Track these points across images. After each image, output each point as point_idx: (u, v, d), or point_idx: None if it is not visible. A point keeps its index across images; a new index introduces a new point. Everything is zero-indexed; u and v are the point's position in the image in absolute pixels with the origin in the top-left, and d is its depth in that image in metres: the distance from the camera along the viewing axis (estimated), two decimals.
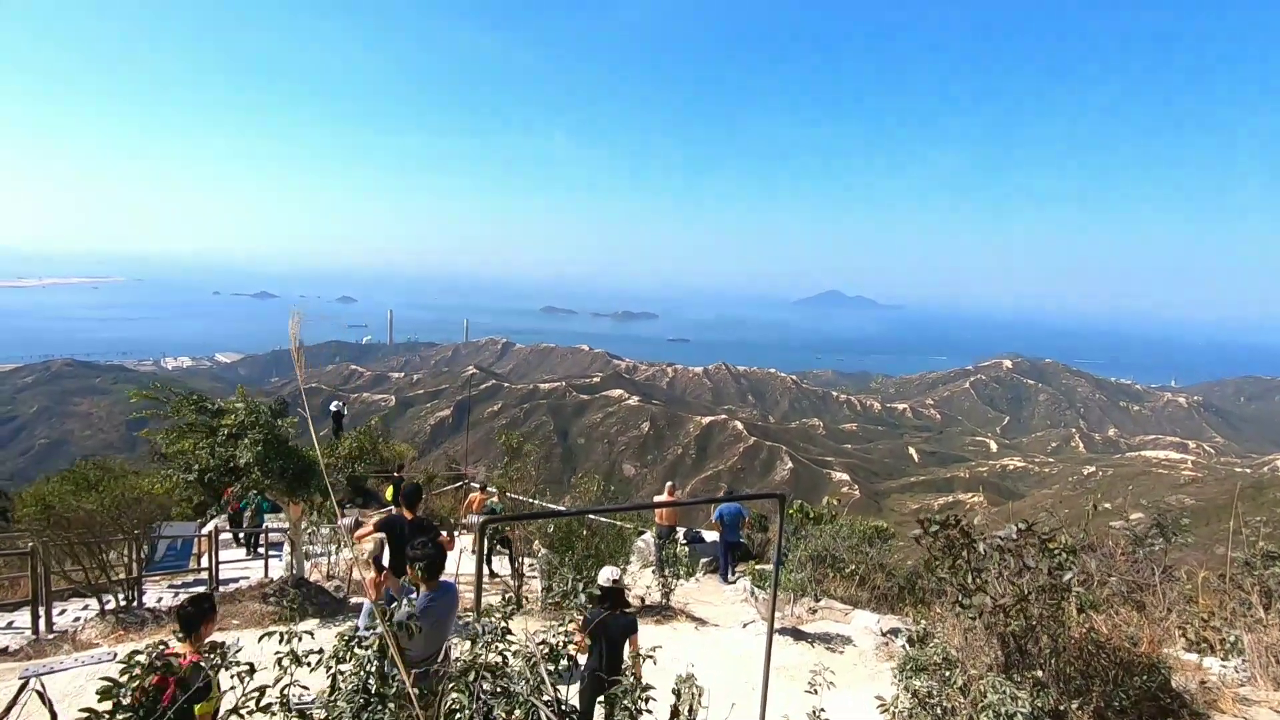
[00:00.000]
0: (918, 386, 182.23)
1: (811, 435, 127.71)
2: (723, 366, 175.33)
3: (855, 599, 10.17)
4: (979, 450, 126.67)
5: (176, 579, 13.26)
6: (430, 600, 4.40)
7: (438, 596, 4.46)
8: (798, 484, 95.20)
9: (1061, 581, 3.18)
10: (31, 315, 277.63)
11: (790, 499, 15.92)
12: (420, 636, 3.63)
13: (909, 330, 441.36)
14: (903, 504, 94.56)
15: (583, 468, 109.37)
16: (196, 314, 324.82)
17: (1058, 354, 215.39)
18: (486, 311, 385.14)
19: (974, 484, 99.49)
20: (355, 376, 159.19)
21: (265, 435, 7.18)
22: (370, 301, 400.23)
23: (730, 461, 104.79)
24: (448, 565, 8.14)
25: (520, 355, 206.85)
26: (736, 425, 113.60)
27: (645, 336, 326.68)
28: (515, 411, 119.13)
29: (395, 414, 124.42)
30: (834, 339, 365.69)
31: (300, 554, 8.33)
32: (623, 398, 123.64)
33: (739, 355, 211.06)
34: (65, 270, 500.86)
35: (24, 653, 7.19)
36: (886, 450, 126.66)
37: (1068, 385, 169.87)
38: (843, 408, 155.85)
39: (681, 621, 8.54)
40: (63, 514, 7.54)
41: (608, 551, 8.73)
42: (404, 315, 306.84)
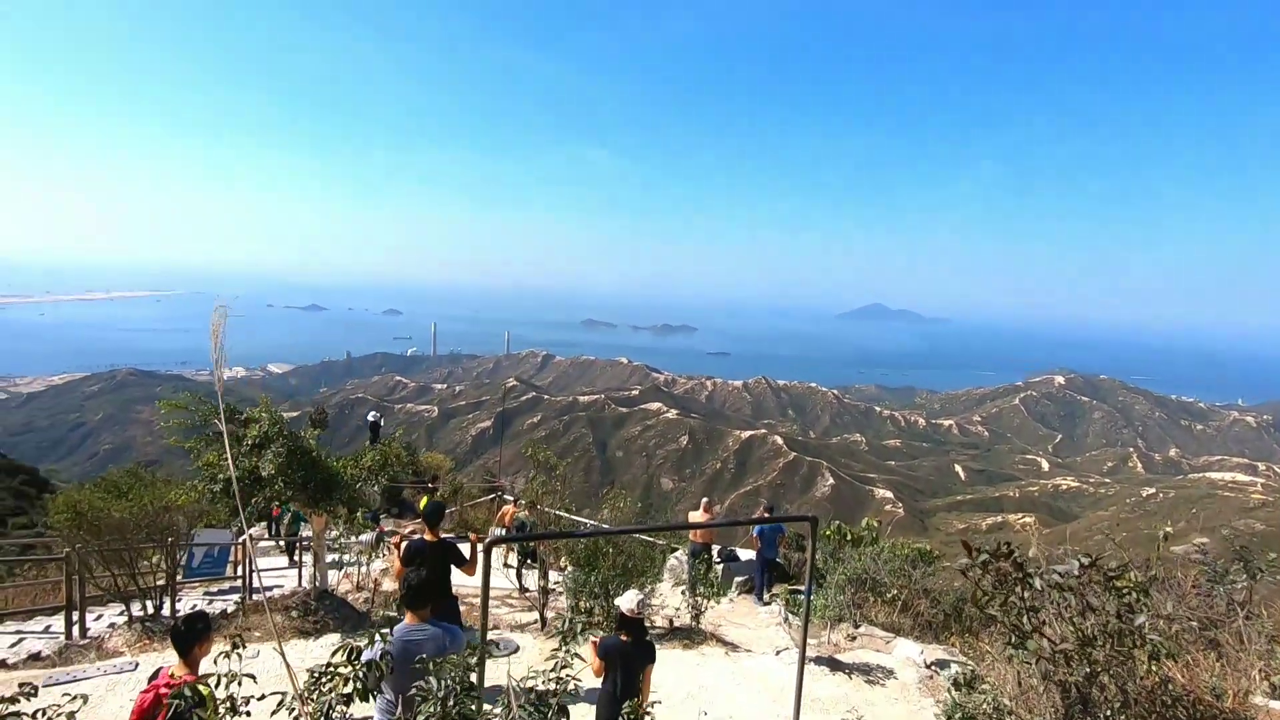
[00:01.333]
0: (964, 402, 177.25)
1: (854, 451, 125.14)
2: (762, 380, 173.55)
3: (897, 626, 9.63)
4: (1030, 469, 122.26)
5: (212, 586, 13.43)
6: (409, 634, 3.82)
7: (415, 631, 3.87)
8: (839, 501, 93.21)
9: (1133, 626, 2.77)
10: (99, 326, 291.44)
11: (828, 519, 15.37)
12: (393, 677, 3.29)
13: (954, 344, 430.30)
14: (949, 523, 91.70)
15: (621, 480, 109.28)
16: (250, 325, 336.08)
17: (1112, 369, 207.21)
18: (527, 324, 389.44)
19: (1025, 504, 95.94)
20: (400, 387, 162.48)
21: (289, 446, 7.14)
22: (415, 314, 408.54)
23: (770, 477, 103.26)
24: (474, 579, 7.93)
25: (560, 368, 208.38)
26: (776, 440, 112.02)
27: (684, 350, 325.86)
28: (555, 424, 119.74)
29: (438, 425, 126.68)
30: (877, 353, 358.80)
31: (324, 566, 8.28)
32: (661, 411, 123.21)
33: (779, 369, 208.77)
34: (131, 284, 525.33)
35: (50, 660, 7.24)
36: (932, 467, 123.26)
37: (1124, 402, 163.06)
38: (886, 423, 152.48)
39: (711, 646, 8.17)
40: (92, 521, 7.63)
41: (636, 570, 8.42)
42: (447, 328, 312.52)
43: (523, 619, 9.12)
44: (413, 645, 3.70)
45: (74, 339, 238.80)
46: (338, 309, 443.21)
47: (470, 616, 9.70)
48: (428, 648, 3.68)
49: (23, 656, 7.86)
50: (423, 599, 3.93)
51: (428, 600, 3.96)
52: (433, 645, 3.76)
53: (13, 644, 8.38)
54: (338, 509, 7.87)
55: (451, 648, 3.89)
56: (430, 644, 3.76)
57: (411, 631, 3.84)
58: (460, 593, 11.63)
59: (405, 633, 3.82)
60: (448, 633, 3.97)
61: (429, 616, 3.97)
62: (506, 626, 8.47)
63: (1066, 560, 3.08)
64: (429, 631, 3.89)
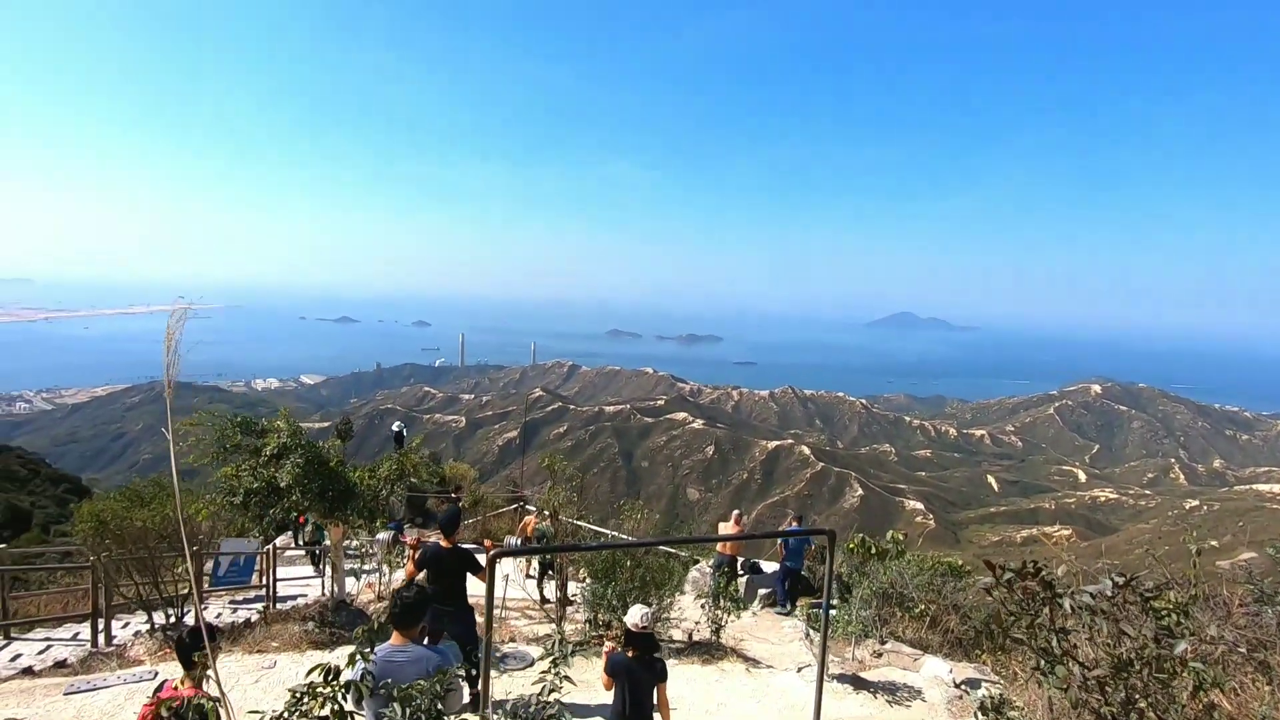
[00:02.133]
0: (996, 412, 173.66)
1: (883, 462, 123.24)
2: (789, 390, 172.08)
3: (925, 643, 9.32)
4: (1066, 480, 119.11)
5: (238, 594, 13.56)
6: (392, 655, 3.54)
7: (398, 653, 3.58)
8: (868, 512, 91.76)
9: (1173, 653, 2.56)
10: (140, 339, 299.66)
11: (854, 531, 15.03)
12: (374, 700, 3.14)
13: (985, 353, 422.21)
14: (982, 536, 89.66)
15: (646, 491, 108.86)
16: (284, 338, 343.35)
17: (1151, 378, 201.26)
18: (553, 335, 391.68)
19: (1061, 516, 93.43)
20: (428, 398, 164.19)
21: (306, 456, 7.17)
22: (444, 325, 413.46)
23: (797, 487, 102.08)
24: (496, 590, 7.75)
25: (586, 378, 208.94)
26: (803, 450, 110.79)
27: (710, 360, 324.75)
28: (581, 434, 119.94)
29: (465, 435, 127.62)
30: (906, 362, 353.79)
31: (341, 575, 8.28)
32: (687, 421, 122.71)
33: (806, 379, 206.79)
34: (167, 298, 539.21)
35: (71, 668, 7.32)
36: (964, 479, 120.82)
37: (1165, 412, 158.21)
38: (916, 433, 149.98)
39: (731, 662, 7.97)
40: (115, 530, 7.74)
41: (654, 583, 8.26)
42: (475, 339, 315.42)
43: (540, 631, 9.01)
44: (393, 667, 3.43)
45: (116, 352, 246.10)
46: (368, 321, 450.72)
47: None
48: (409, 671, 3.40)
49: (49, 664, 7.97)
50: (413, 618, 3.68)
51: (418, 619, 3.71)
52: (416, 669, 3.46)
53: (41, 651, 8.50)
54: (354, 519, 7.86)
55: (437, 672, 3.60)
56: (413, 667, 3.48)
57: (395, 652, 3.59)
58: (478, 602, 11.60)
59: (388, 653, 3.56)
60: (436, 654, 3.70)
61: (417, 636, 3.71)
62: (523, 639, 8.37)
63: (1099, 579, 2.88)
64: (413, 653, 3.62)
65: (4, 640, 8.84)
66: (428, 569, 6.16)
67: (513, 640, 8.24)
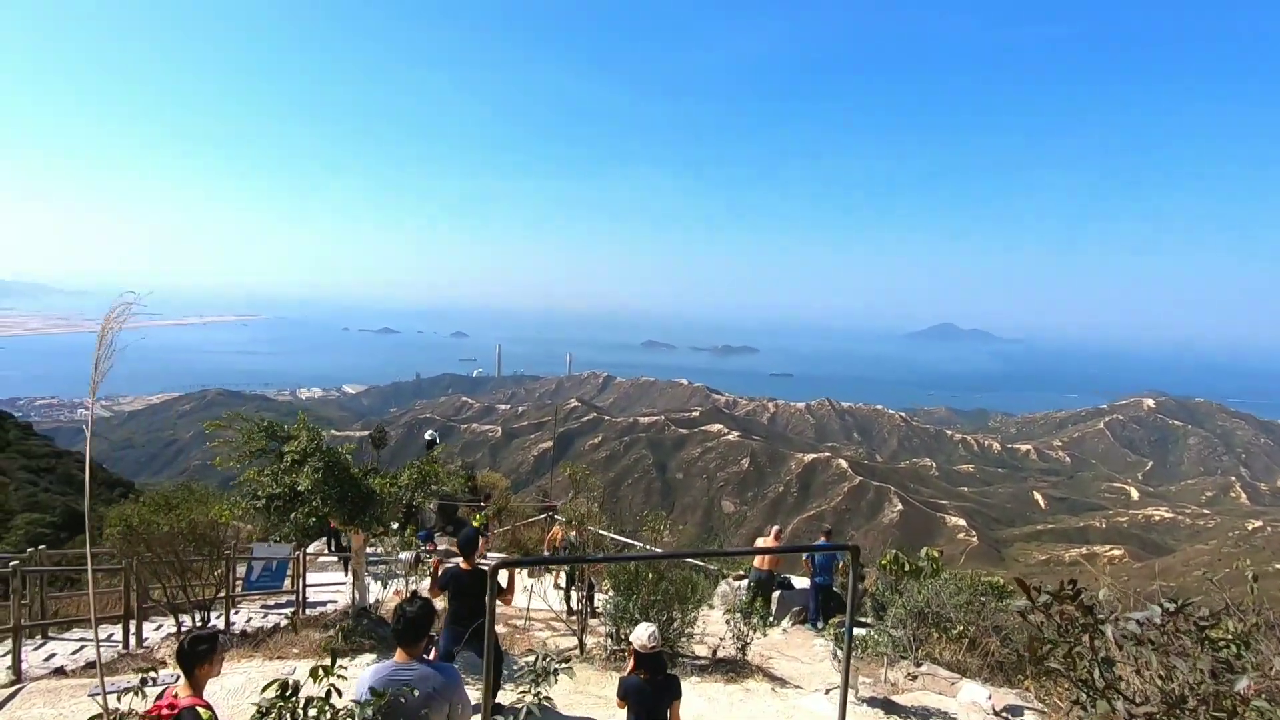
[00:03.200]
0: (1043, 426, 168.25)
1: (923, 476, 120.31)
2: (826, 402, 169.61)
3: (964, 666, 8.89)
4: (1117, 498, 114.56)
5: (269, 599, 13.71)
6: (396, 674, 3.37)
7: (404, 670, 3.40)
8: (908, 528, 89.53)
9: (1233, 689, 2.27)
10: (192, 350, 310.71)
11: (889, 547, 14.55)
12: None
13: (1031, 365, 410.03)
14: (1028, 554, 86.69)
15: (681, 503, 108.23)
16: (327, 348, 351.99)
17: (1209, 392, 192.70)
18: (589, 346, 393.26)
19: (1113, 535, 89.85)
20: (466, 408, 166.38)
21: (325, 462, 7.19)
22: (481, 336, 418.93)
23: (834, 501, 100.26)
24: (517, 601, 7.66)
25: (621, 389, 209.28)
26: (841, 463, 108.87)
27: (746, 371, 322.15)
28: (615, 445, 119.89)
29: (501, 445, 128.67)
30: (947, 374, 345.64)
31: (362, 583, 8.28)
32: (722, 433, 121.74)
33: (844, 391, 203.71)
34: (220, 309, 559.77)
35: (91, 671, 7.43)
36: (1008, 495, 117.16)
37: (1225, 428, 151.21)
38: (958, 447, 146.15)
39: (756, 681, 7.69)
40: (143, 534, 7.87)
41: (678, 596, 8.05)
42: (511, 350, 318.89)
43: (564, 644, 8.86)
44: (398, 684, 3.25)
45: (170, 361, 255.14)
46: (408, 332, 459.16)
47: (511, 639, 9.51)
48: (420, 693, 3.25)
49: (80, 664, 8.11)
50: (416, 634, 3.51)
51: (421, 635, 3.53)
52: (423, 689, 3.30)
53: (74, 651, 8.68)
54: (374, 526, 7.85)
55: (445, 691, 3.45)
56: (419, 686, 3.30)
57: (399, 670, 3.40)
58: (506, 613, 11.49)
59: (393, 672, 3.38)
60: (441, 673, 3.52)
61: (411, 659, 3.51)
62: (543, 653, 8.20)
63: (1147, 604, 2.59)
64: (418, 671, 3.42)
65: (42, 640, 9.05)
66: (448, 590, 6.25)
67: (531, 653, 8.09)
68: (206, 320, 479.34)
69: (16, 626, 7.30)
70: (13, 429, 51.99)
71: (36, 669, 7.66)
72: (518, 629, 10.35)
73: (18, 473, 42.77)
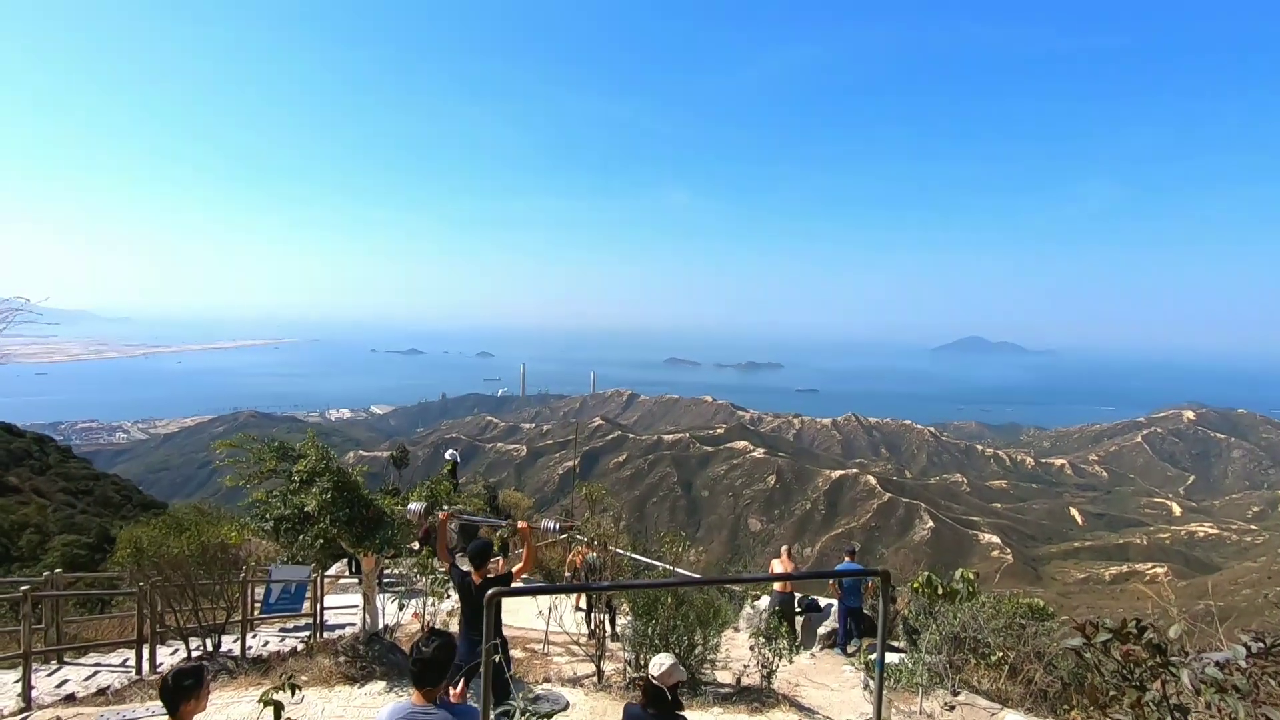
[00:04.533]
0: (1077, 440, 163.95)
1: (954, 492, 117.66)
2: (852, 418, 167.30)
3: (1005, 695, 8.38)
4: (1158, 513, 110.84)
5: (289, 622, 13.57)
6: (411, 716, 3.21)
7: (419, 714, 3.23)
8: (940, 545, 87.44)
9: None
10: (225, 372, 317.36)
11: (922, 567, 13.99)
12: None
13: (1063, 378, 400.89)
14: (1066, 572, 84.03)
15: (707, 521, 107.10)
16: (355, 369, 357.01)
17: (1252, 403, 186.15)
18: (613, 364, 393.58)
19: (1155, 553, 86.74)
20: (491, 427, 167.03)
21: (334, 482, 7.03)
22: (506, 356, 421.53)
23: (863, 519, 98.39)
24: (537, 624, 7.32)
25: (645, 406, 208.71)
26: (869, 480, 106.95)
27: (770, 387, 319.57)
28: (640, 463, 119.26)
29: (526, 464, 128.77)
30: (976, 388, 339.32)
31: (374, 607, 8.07)
32: (747, 449, 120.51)
33: (871, 406, 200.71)
34: (253, 333, 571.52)
35: (104, 697, 7.29)
36: (1044, 511, 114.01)
37: (1270, 440, 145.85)
38: (989, 463, 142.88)
39: (783, 711, 7.29)
40: (152, 557, 7.76)
41: (699, 621, 7.70)
42: (536, 369, 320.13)
43: (581, 670, 8.54)
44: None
45: (204, 384, 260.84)
46: (434, 352, 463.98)
47: (529, 665, 9.20)
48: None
49: (91, 691, 7.98)
50: (433, 675, 3.25)
51: (439, 677, 3.27)
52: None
53: (87, 676, 8.57)
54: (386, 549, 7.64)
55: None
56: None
57: (416, 713, 3.21)
58: (525, 636, 11.20)
59: (408, 714, 3.20)
60: (457, 717, 3.30)
61: (428, 703, 3.26)
62: (559, 679, 7.90)
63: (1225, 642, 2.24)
64: (437, 717, 3.22)
65: (56, 665, 8.96)
66: (458, 593, 6.19)
67: (548, 681, 7.79)
68: (239, 343, 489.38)
69: (26, 652, 7.20)
70: (53, 452, 53.25)
71: (47, 695, 7.55)
72: (536, 653, 10.05)
73: (57, 494, 43.75)
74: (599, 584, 6.94)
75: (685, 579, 8.51)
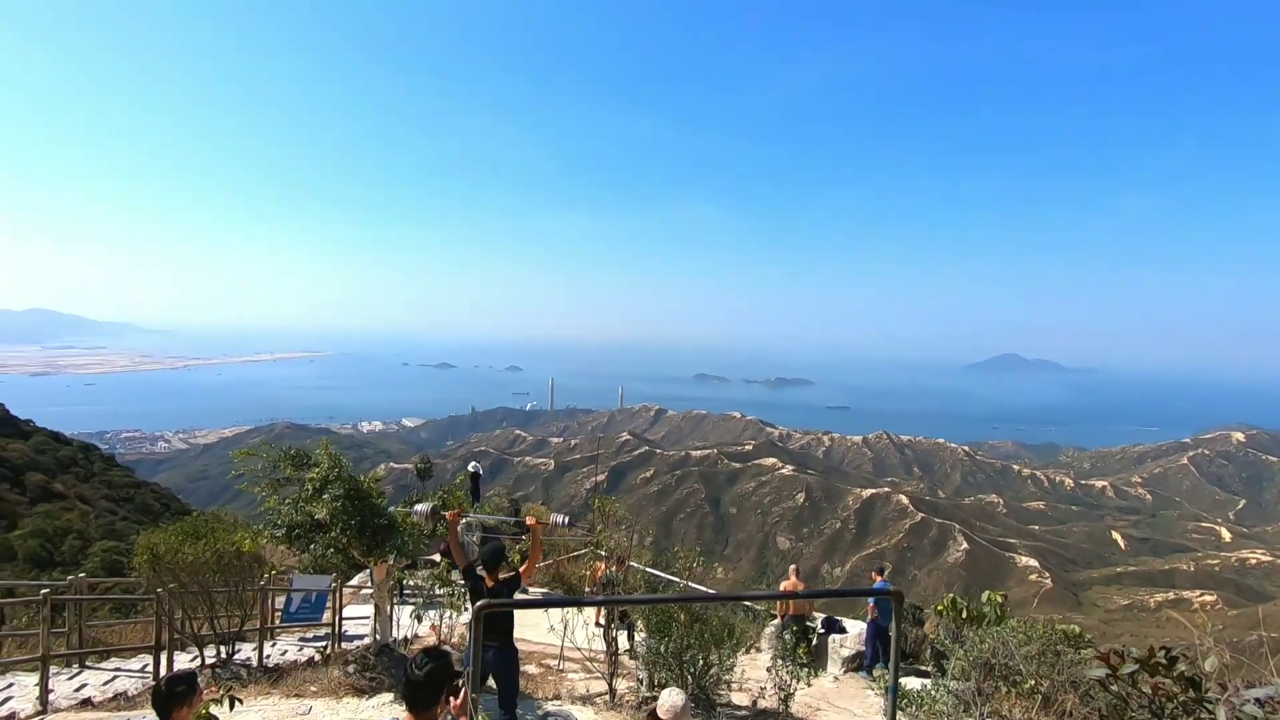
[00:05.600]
0: (1119, 461, 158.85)
1: (990, 513, 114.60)
2: (884, 435, 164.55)
3: None
4: (1207, 539, 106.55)
5: (309, 632, 13.60)
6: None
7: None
8: (975, 568, 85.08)
9: None
10: (262, 385, 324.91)
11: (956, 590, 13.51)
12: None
13: (1103, 397, 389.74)
14: (1108, 598, 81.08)
15: (735, 539, 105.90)
16: (388, 383, 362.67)
17: None
18: (640, 379, 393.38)
19: (1203, 580, 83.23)
20: (519, 441, 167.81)
21: (345, 490, 7.00)
22: (535, 370, 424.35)
23: (895, 539, 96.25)
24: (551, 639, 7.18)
25: (672, 422, 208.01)
26: (901, 499, 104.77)
27: (800, 404, 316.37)
28: (667, 478, 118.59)
29: (554, 478, 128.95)
30: (1012, 407, 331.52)
31: (384, 618, 8.00)
32: (776, 466, 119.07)
33: (903, 424, 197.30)
34: (289, 346, 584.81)
35: (118, 702, 7.32)
36: (1084, 534, 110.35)
37: None
38: (1026, 483, 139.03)
39: None
40: (168, 563, 7.81)
41: (713, 640, 7.46)
42: (564, 383, 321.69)
43: (594, 688, 8.34)
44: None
45: (243, 396, 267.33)
46: (465, 366, 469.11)
47: (541, 681, 9.02)
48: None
49: (109, 696, 8.03)
50: (426, 698, 3.07)
51: (433, 700, 3.09)
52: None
53: (106, 681, 8.63)
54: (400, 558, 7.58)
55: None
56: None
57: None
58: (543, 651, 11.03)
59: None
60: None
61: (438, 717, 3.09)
62: (570, 697, 7.72)
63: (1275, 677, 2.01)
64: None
65: (78, 668, 9.06)
66: (470, 598, 6.23)
67: (558, 698, 7.62)
68: (276, 356, 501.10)
69: (45, 655, 7.27)
70: (97, 460, 54.95)
71: (64, 699, 7.61)
72: (550, 669, 9.88)
73: (100, 501, 45.06)
74: (596, 599, 6.77)
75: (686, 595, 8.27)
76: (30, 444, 48.84)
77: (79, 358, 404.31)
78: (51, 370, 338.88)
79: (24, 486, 41.93)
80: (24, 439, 49.50)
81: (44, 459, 47.07)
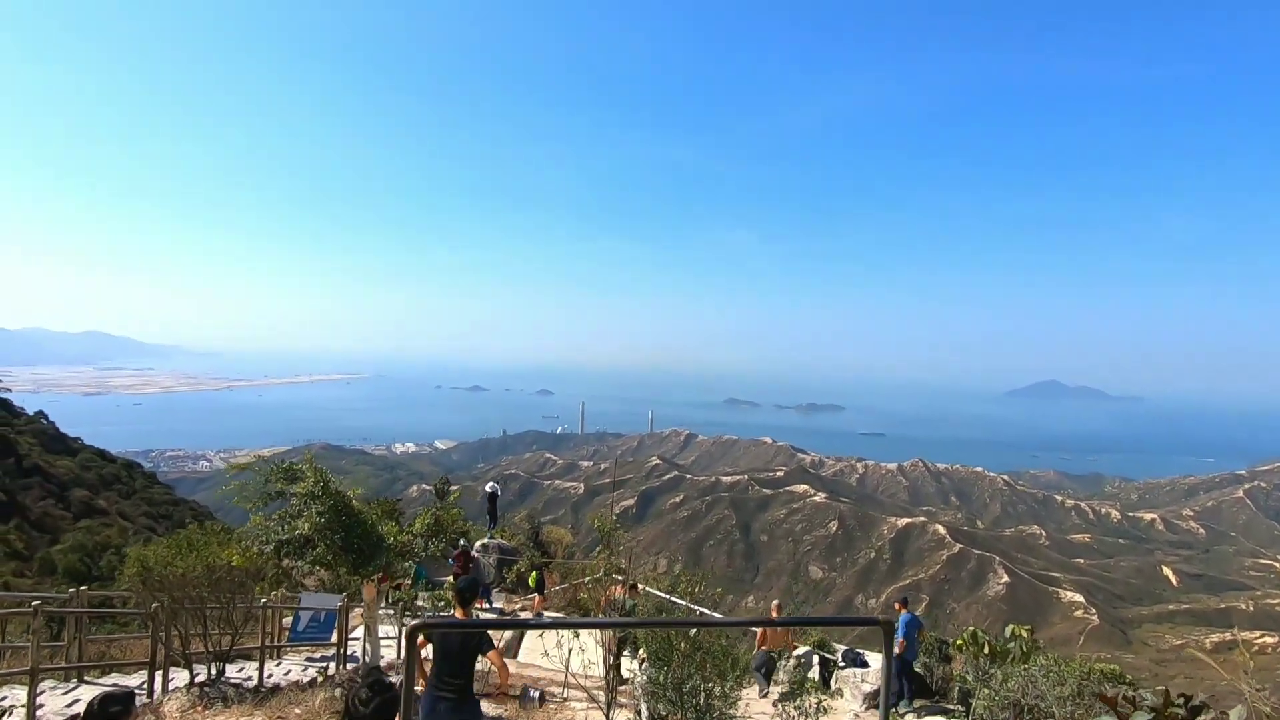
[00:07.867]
0: (1169, 493, 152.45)
1: (1031, 545, 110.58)
2: (920, 463, 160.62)
3: None
4: (1265, 576, 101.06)
5: (316, 651, 13.43)
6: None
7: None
8: (1016, 602, 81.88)
9: None
10: (301, 406, 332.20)
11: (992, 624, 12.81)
12: None
13: (1151, 426, 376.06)
14: (1159, 637, 77.15)
15: (766, 566, 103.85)
16: (421, 405, 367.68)
17: None
18: (671, 403, 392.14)
19: (1263, 620, 78.67)
20: (549, 464, 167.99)
21: (330, 505, 6.83)
22: (565, 394, 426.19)
23: (932, 570, 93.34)
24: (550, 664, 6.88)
25: (703, 447, 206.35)
26: (938, 529, 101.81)
27: (833, 430, 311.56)
28: (697, 504, 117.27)
29: (583, 502, 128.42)
30: (1054, 435, 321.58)
31: (375, 639, 7.75)
32: (808, 493, 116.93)
33: (939, 452, 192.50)
34: (326, 369, 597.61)
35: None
36: (1132, 569, 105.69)
37: None
38: (1070, 514, 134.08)
39: None
40: (159, 577, 7.70)
41: (715, 671, 7.05)
42: (594, 407, 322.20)
43: (593, 718, 7.96)
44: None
45: (282, 417, 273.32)
46: (496, 390, 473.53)
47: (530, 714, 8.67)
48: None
49: None
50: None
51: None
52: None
53: None
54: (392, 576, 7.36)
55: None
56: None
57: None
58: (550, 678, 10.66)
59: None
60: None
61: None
62: None
63: None
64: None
65: (76, 683, 8.98)
66: (431, 642, 4.93)
67: None
68: (315, 379, 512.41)
69: (34, 669, 7.17)
70: (139, 478, 56.38)
71: (54, 715, 7.50)
72: (552, 696, 9.51)
73: (140, 518, 46.09)
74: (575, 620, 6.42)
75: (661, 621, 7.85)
76: (77, 460, 50.42)
77: (128, 378, 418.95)
78: (102, 390, 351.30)
79: (68, 502, 43.14)
80: (71, 456, 51.13)
81: (89, 475, 48.49)
